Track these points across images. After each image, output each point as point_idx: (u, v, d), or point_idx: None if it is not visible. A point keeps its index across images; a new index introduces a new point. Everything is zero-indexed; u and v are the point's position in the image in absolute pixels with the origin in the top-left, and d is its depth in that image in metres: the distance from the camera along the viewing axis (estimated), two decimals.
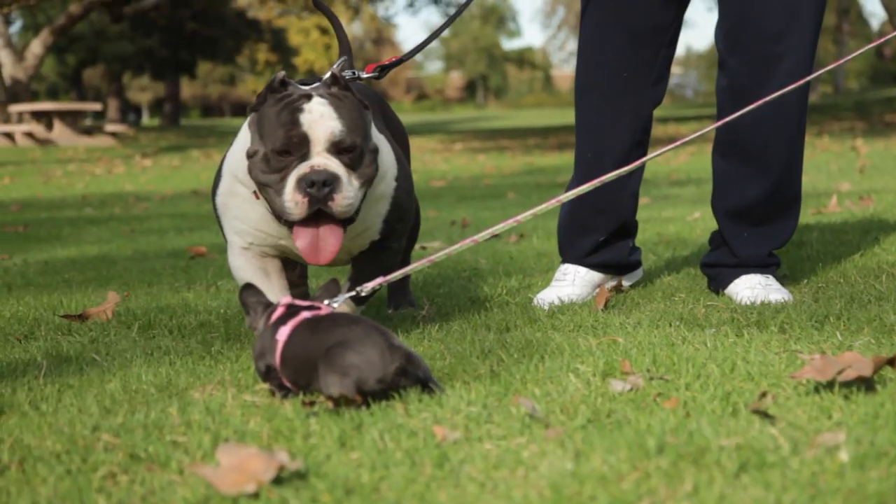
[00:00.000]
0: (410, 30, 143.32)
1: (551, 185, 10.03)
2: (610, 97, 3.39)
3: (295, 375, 2.24)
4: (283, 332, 2.27)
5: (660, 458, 1.71)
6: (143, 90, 60.00)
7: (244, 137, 2.70)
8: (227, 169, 2.76)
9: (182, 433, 1.99)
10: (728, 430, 1.84)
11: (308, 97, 2.56)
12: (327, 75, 2.66)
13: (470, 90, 76.26)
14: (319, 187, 2.51)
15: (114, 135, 22.93)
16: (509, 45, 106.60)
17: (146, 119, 58.43)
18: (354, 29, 63.50)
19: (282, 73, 2.61)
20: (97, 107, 23.79)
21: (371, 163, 2.61)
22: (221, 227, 2.83)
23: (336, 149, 2.53)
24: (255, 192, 2.69)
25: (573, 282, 3.49)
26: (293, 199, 2.52)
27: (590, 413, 2.00)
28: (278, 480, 1.68)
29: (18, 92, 23.62)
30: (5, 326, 3.27)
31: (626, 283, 3.59)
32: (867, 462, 1.64)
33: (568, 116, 29.80)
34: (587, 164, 3.43)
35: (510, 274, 4.08)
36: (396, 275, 2.61)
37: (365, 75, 3.07)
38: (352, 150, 2.54)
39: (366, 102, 2.65)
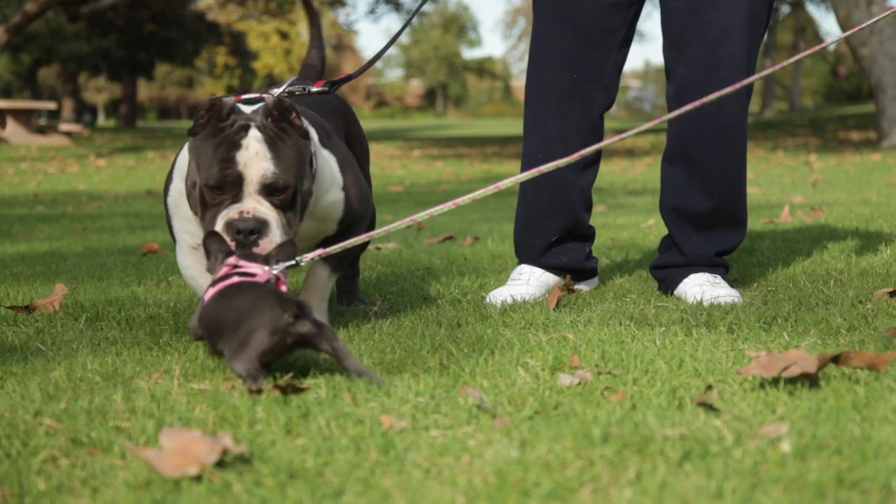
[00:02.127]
0: (371, 36, 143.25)
1: (509, 193, 10.05)
2: (560, 96, 3.42)
3: (207, 336, 2.35)
4: (209, 293, 2.38)
5: (604, 447, 1.71)
6: (99, 91, 59.49)
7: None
8: (178, 170, 2.76)
9: (126, 419, 1.97)
10: (673, 421, 1.85)
11: (246, 129, 2.55)
12: (266, 102, 2.62)
13: (429, 98, 76.33)
14: (246, 235, 2.53)
15: (68, 134, 22.71)
16: (469, 54, 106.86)
17: (102, 120, 57.93)
18: None
19: (229, 100, 2.60)
20: (51, 106, 23.52)
21: (302, 208, 2.63)
22: (171, 227, 2.83)
23: (268, 190, 2.54)
24: None
25: (528, 281, 3.51)
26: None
27: (537, 405, 2.01)
28: (221, 464, 1.67)
29: None
30: None
31: (582, 288, 3.61)
32: (808, 453, 1.66)
33: None
34: (537, 163, 3.45)
35: (464, 273, 4.08)
36: (335, 248, 2.64)
37: (315, 89, 3.07)
38: (283, 192, 2.56)
39: (306, 131, 2.61)
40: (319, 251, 2.62)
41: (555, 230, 3.53)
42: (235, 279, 2.38)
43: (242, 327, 2.24)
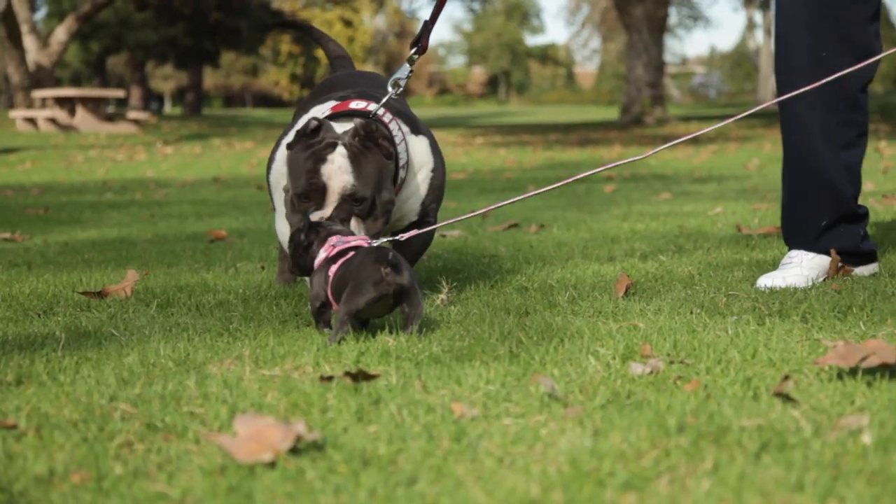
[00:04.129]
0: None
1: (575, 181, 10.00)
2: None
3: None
4: (332, 268, 2.62)
5: (680, 436, 1.69)
6: (165, 79, 60.14)
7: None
8: (280, 156, 3.11)
9: (199, 405, 1.98)
10: (749, 412, 1.82)
11: (333, 146, 2.86)
12: (356, 125, 2.89)
13: (492, 86, 76.15)
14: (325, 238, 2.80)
15: (136, 122, 22.99)
16: (532, 41, 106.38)
17: (168, 108, 58.61)
18: (377, 22, 63.51)
19: (314, 122, 2.89)
20: (120, 94, 23.83)
21: (382, 216, 2.91)
22: (272, 197, 3.19)
23: (348, 200, 2.84)
24: None
25: (801, 263, 3.41)
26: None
27: (609, 394, 1.99)
28: (295, 451, 1.67)
29: (42, 78, 23.74)
30: (25, 302, 3.28)
31: (862, 272, 3.50)
32: (890, 445, 1.62)
33: (590, 113, 29.67)
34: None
35: (530, 261, 4.06)
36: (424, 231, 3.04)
37: (405, 74, 3.18)
38: (362, 202, 2.86)
39: (391, 152, 2.91)
40: (413, 232, 2.96)
41: (821, 213, 3.41)
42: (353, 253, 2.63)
43: (351, 284, 2.54)
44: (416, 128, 3.16)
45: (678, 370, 2.16)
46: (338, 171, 2.85)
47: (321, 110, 3.13)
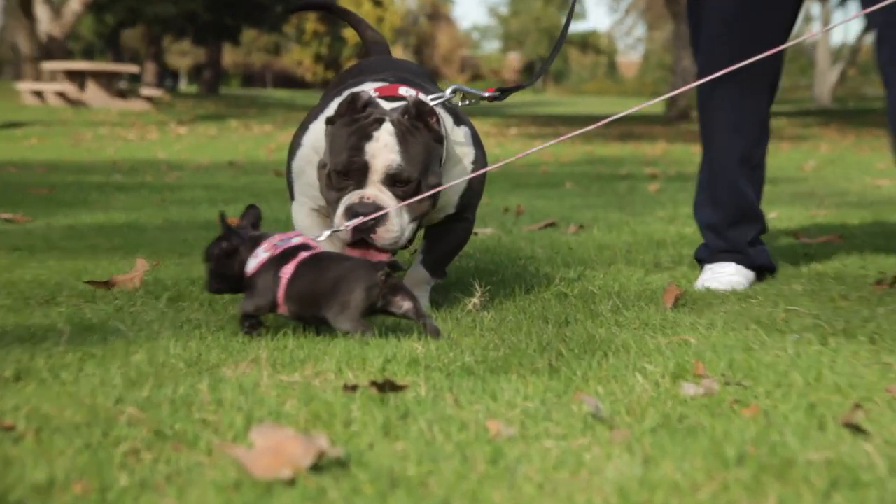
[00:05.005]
0: (467, 6, 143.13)
1: (612, 177, 9.93)
2: None
3: (300, 308, 2.60)
4: (286, 270, 2.60)
5: (740, 468, 1.63)
6: (182, 55, 60.37)
7: (329, 112, 2.98)
8: (308, 140, 3.05)
9: (212, 411, 1.94)
10: (815, 443, 1.77)
11: (380, 122, 2.81)
12: (407, 101, 2.87)
13: (528, 73, 76.02)
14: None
15: (149, 99, 23.06)
16: (573, 27, 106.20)
17: (184, 85, 58.81)
18: (409, 2, 63.52)
19: (366, 94, 2.84)
20: (134, 69, 23.93)
21: (428, 197, 2.85)
22: (291, 187, 3.12)
23: (391, 180, 2.81)
24: None
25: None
26: (341, 224, 2.80)
27: (659, 416, 1.94)
28: (316, 468, 1.63)
29: (53, 50, 23.83)
30: (25, 290, 3.26)
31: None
32: None
33: (632, 106, 29.59)
34: None
35: (569, 264, 4.01)
36: (361, 220, 2.82)
37: (486, 95, 3.20)
38: (407, 183, 2.81)
39: (441, 135, 2.89)
40: (336, 227, 2.83)
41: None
42: (307, 253, 2.64)
43: (341, 290, 2.55)
44: (458, 118, 3.11)
45: (734, 392, 2.10)
46: (383, 149, 2.80)
47: (363, 90, 3.05)
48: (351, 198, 2.81)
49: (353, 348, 2.43)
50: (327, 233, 2.81)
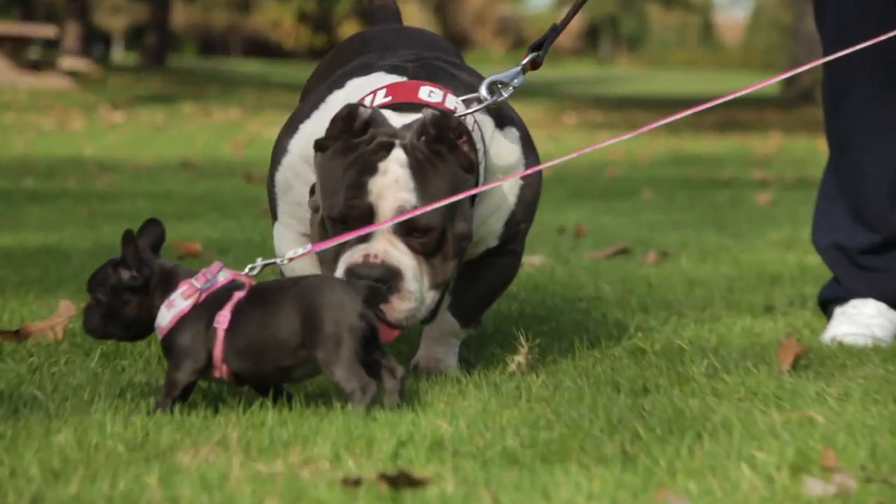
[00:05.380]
0: None
1: (706, 183, 9.96)
2: None
3: (249, 363, 2.64)
4: (220, 320, 2.64)
5: None
6: (115, 12, 60.80)
7: (325, 117, 2.94)
8: (296, 146, 3.08)
9: None
10: None
11: (387, 149, 2.80)
12: (425, 117, 2.83)
13: (591, 38, 76.23)
14: None
15: (72, 74, 23.24)
16: None
17: (119, 54, 59.20)
18: None
19: (362, 111, 2.82)
20: (49, 32, 24.09)
21: (454, 255, 2.86)
22: (274, 206, 3.15)
23: (405, 229, 2.78)
24: None
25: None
26: None
27: None
28: None
29: None
30: None
31: None
32: None
33: (736, 82, 29.65)
34: None
35: (647, 308, 4.04)
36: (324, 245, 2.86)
37: (523, 64, 3.19)
38: (426, 233, 2.79)
39: (472, 163, 2.86)
40: (308, 248, 2.84)
41: None
42: (241, 292, 2.68)
43: (321, 327, 2.57)
44: (501, 118, 3.10)
45: (879, 493, 2.12)
46: (393, 186, 2.79)
47: (364, 87, 3.03)
48: (352, 255, 2.81)
49: (354, 426, 2.46)
50: (300, 251, 2.83)
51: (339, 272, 2.82)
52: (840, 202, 3.78)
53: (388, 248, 2.80)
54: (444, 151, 2.83)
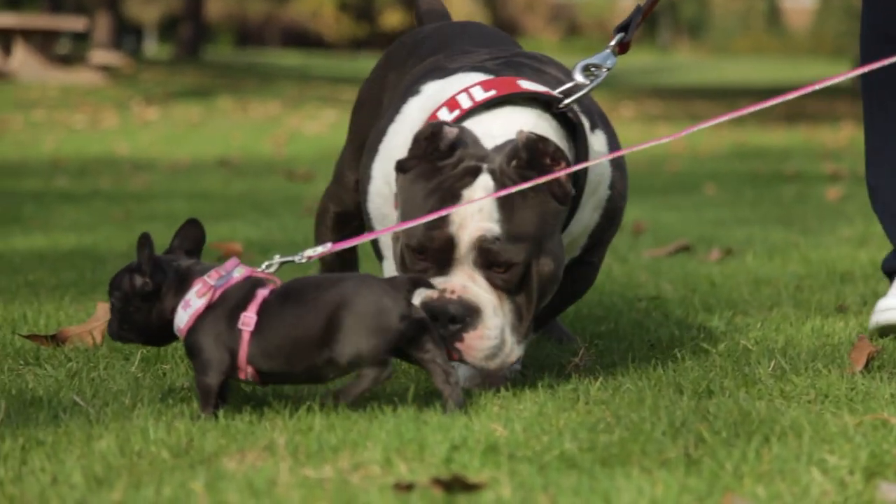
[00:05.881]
0: None
1: (773, 177, 9.93)
2: None
3: (282, 363, 2.69)
4: (249, 317, 2.68)
5: None
6: (147, 3, 60.97)
7: (403, 130, 2.94)
8: (379, 170, 3.05)
9: None
10: None
11: (474, 174, 2.74)
12: (518, 139, 2.77)
13: (648, 24, 75.88)
14: (444, 323, 2.72)
15: (103, 68, 23.31)
16: None
17: (152, 47, 59.36)
18: None
19: (454, 131, 2.76)
20: (79, 25, 24.18)
21: (539, 296, 2.80)
22: (376, 243, 3.13)
23: (486, 261, 2.73)
24: None
25: None
26: None
27: None
28: None
29: None
30: None
31: None
32: None
33: (805, 71, 29.51)
34: None
35: (711, 309, 4.04)
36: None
37: (611, 45, 3.21)
38: (508, 269, 2.74)
39: (567, 193, 2.81)
40: (327, 247, 2.86)
41: None
42: (265, 289, 2.74)
43: (346, 321, 2.62)
44: (593, 119, 3.05)
45: None
46: (476, 216, 2.73)
47: (444, 91, 2.96)
48: (429, 292, 2.74)
49: (405, 430, 2.49)
50: (319, 249, 2.84)
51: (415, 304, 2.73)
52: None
53: (466, 282, 2.75)
54: (532, 176, 2.74)
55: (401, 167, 2.83)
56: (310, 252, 2.84)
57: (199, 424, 2.60)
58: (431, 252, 2.75)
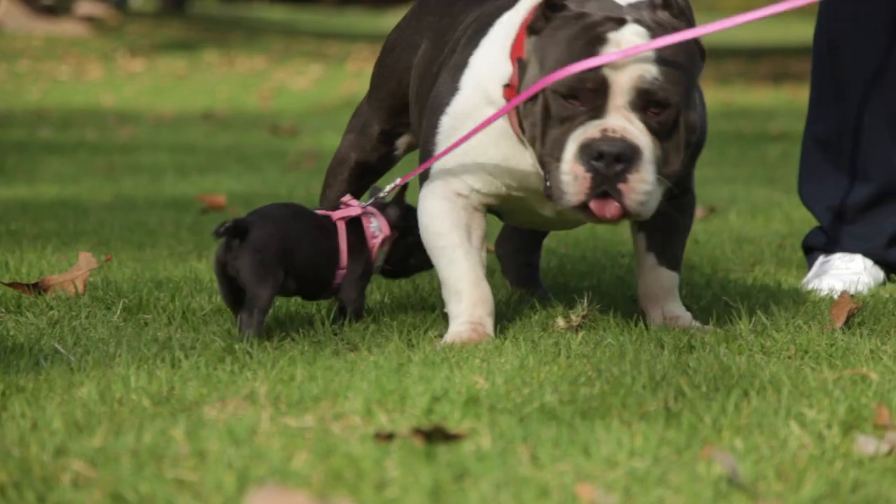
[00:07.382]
0: None
1: (757, 137, 9.92)
2: None
3: None
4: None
5: None
6: None
7: (502, 36, 2.89)
8: (472, 78, 2.94)
9: (192, 468, 2.01)
10: None
11: (619, 22, 2.73)
12: None
13: None
14: (610, 162, 2.68)
15: (88, 19, 23.19)
16: None
17: None
18: None
19: None
20: None
21: (685, 147, 2.79)
22: (428, 154, 2.97)
23: (644, 103, 2.70)
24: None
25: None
26: (572, 172, 2.71)
27: (823, 484, 1.98)
28: None
29: None
30: None
31: None
32: None
33: (793, 29, 29.37)
34: None
35: (693, 266, 4.05)
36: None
37: None
38: (664, 109, 2.71)
39: (703, 49, 2.84)
40: (397, 181, 3.01)
41: None
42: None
43: None
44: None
45: None
46: (632, 58, 2.71)
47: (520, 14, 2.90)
48: (587, 131, 2.71)
49: (386, 381, 2.49)
50: (398, 181, 3.02)
51: (570, 151, 2.72)
52: (830, 155, 3.82)
53: (625, 123, 2.73)
54: (681, 26, 2.80)
55: (533, 29, 2.80)
56: (389, 188, 3.04)
57: (180, 373, 2.60)
58: (585, 94, 2.73)
